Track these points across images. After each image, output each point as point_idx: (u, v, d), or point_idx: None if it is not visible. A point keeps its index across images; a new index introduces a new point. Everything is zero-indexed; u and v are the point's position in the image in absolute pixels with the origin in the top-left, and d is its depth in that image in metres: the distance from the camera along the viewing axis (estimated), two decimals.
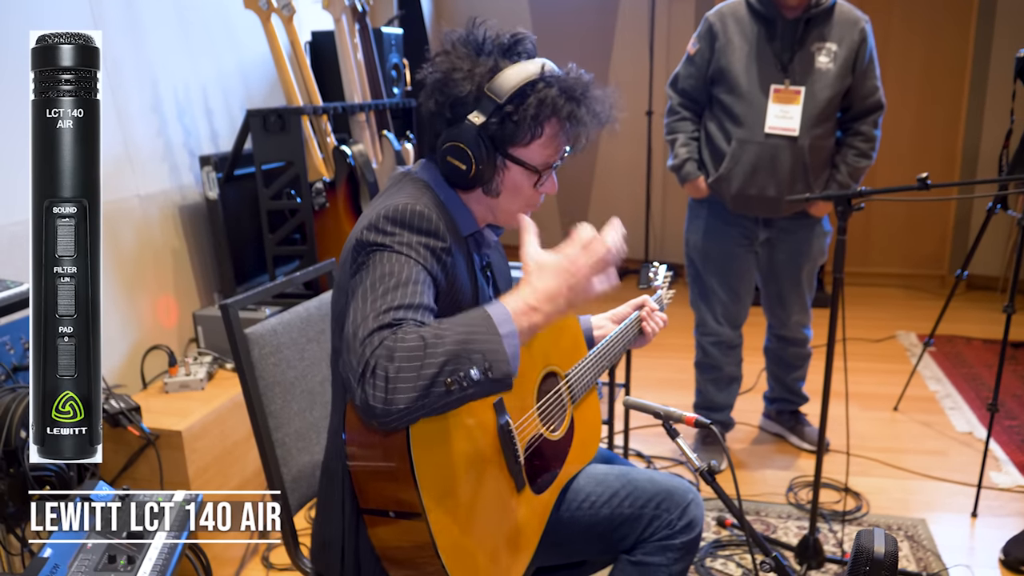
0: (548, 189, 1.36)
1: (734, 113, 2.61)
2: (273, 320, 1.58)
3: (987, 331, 4.25)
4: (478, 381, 1.07)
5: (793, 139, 2.57)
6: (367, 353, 1.06)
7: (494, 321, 1.11)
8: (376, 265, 1.17)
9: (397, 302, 1.12)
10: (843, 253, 2.05)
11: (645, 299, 1.67)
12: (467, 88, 1.25)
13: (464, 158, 1.26)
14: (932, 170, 2.12)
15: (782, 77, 2.56)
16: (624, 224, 1.33)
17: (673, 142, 2.74)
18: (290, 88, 2.86)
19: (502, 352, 1.09)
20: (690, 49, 2.68)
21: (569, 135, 1.31)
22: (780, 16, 2.54)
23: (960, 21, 4.80)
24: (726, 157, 2.63)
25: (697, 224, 2.82)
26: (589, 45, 5.47)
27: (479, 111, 1.25)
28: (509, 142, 1.27)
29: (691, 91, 2.70)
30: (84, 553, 1.20)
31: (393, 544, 1.26)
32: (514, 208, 1.35)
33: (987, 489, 2.69)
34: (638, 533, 1.45)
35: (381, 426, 1.08)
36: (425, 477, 1.17)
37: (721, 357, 2.89)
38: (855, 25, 2.57)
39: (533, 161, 1.30)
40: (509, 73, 1.24)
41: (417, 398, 1.05)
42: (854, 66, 2.58)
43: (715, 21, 2.62)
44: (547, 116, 1.26)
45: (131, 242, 2.59)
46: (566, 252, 1.20)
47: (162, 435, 2.16)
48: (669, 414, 1.38)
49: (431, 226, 1.22)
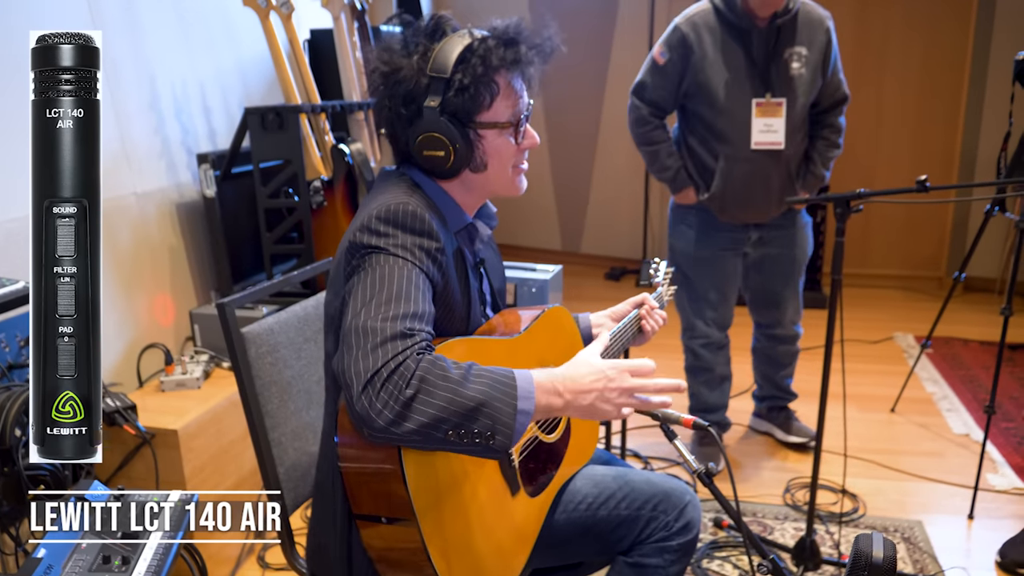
0: (530, 142, 1.35)
1: (716, 129, 2.58)
2: (270, 319, 1.58)
3: (984, 333, 4.25)
4: (476, 443, 1.08)
5: (779, 152, 2.56)
6: (380, 362, 1.05)
7: (516, 392, 1.10)
8: (374, 268, 1.16)
9: (403, 309, 1.11)
10: (841, 255, 2.05)
11: (645, 297, 1.67)
12: (412, 80, 1.25)
13: (439, 144, 1.26)
14: (930, 172, 2.12)
15: (763, 90, 2.53)
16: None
17: (655, 152, 2.67)
18: (288, 86, 2.85)
19: (509, 427, 1.09)
20: (658, 58, 2.58)
21: (523, 79, 1.31)
22: (754, 27, 2.49)
23: (959, 23, 4.80)
24: (716, 175, 2.61)
25: (684, 230, 2.78)
26: (588, 46, 5.47)
27: (432, 95, 1.25)
28: (472, 111, 1.27)
29: (661, 102, 2.62)
30: (78, 553, 1.19)
31: (386, 548, 1.26)
32: (506, 174, 1.34)
33: (984, 491, 2.69)
34: (635, 535, 1.44)
35: (370, 436, 1.08)
36: (416, 481, 1.17)
37: (712, 358, 2.88)
38: (820, 25, 2.55)
39: (502, 118, 1.29)
40: (444, 49, 1.25)
41: (419, 431, 1.05)
42: (824, 67, 2.57)
43: (688, 32, 2.53)
44: (495, 69, 1.25)
45: (128, 240, 2.58)
46: (615, 363, 1.21)
47: (158, 434, 2.15)
48: (667, 416, 1.37)
49: (424, 226, 1.21)
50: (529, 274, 2.82)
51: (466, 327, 1.36)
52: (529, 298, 2.79)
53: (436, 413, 1.05)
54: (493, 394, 1.08)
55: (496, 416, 1.07)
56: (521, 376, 1.12)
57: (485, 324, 1.42)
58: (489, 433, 1.07)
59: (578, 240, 5.94)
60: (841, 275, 2.08)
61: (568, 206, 5.90)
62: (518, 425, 1.09)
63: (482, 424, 1.07)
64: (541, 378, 1.15)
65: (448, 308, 1.29)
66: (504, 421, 1.08)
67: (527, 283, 2.78)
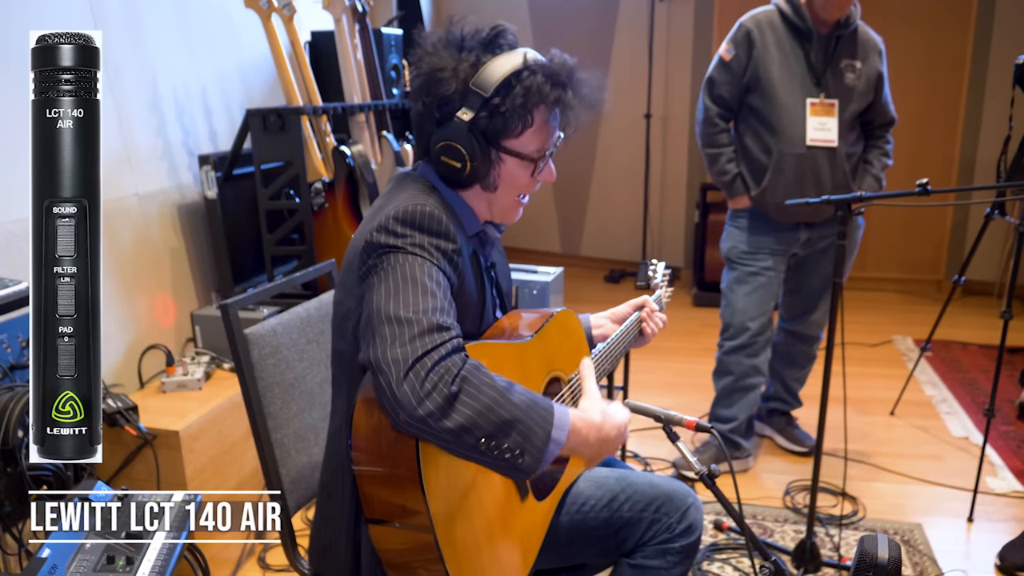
0: (546, 177, 1.35)
1: (771, 124, 2.64)
2: (272, 321, 1.58)
3: (984, 336, 4.26)
4: (505, 459, 1.09)
5: (832, 148, 2.63)
6: (420, 350, 1.06)
7: (553, 420, 1.13)
8: (394, 267, 1.16)
9: (432, 303, 1.12)
10: (842, 258, 2.06)
11: (645, 299, 1.67)
12: (452, 86, 1.25)
13: (458, 156, 1.26)
14: (930, 175, 2.13)
15: (817, 91, 2.62)
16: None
17: (717, 156, 2.74)
18: (290, 88, 2.86)
19: (540, 450, 1.11)
20: (724, 55, 2.68)
21: (559, 121, 1.31)
22: (815, 31, 2.59)
23: (959, 26, 4.81)
24: (768, 170, 2.66)
25: (733, 231, 2.84)
26: (588, 48, 5.47)
27: (467, 107, 1.24)
28: (501, 135, 1.27)
29: (727, 97, 2.71)
30: (83, 553, 1.20)
31: (397, 550, 1.25)
32: (511, 200, 1.35)
33: (983, 494, 2.70)
34: (638, 536, 1.45)
35: (405, 423, 1.06)
36: (433, 487, 1.16)
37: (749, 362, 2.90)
38: (875, 47, 2.68)
39: (527, 150, 1.29)
40: (493, 66, 1.24)
41: (454, 430, 1.06)
42: (876, 85, 2.67)
43: (752, 27, 2.64)
44: (535, 104, 1.25)
45: (129, 241, 2.58)
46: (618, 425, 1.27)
47: (159, 435, 2.15)
48: (670, 417, 1.37)
49: (441, 227, 1.21)
50: (531, 276, 2.83)
51: (478, 329, 1.36)
52: (530, 300, 2.79)
53: (474, 417, 1.06)
54: (531, 415, 1.10)
55: (529, 436, 1.09)
56: (560, 408, 1.15)
57: (493, 327, 1.42)
58: (519, 451, 1.08)
59: (578, 242, 5.95)
60: (842, 278, 2.09)
61: (568, 208, 5.90)
62: (548, 451, 1.11)
63: (514, 441, 1.08)
64: (577, 419, 1.19)
65: (462, 309, 1.29)
66: (536, 444, 1.09)
67: (528, 285, 2.79)
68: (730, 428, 2.89)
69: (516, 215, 1.38)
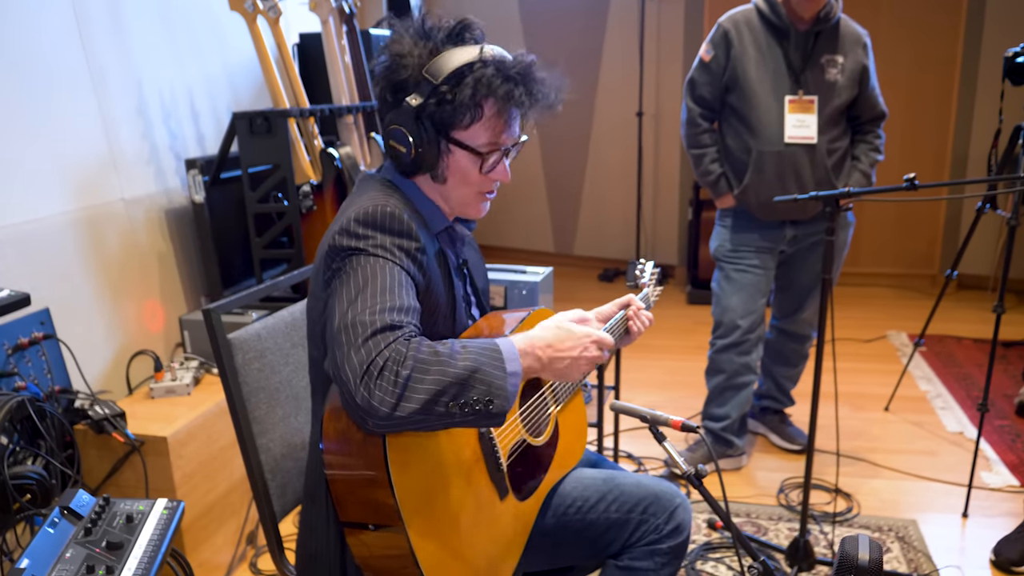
0: (499, 176, 1.34)
1: (750, 122, 2.64)
2: (257, 325, 1.56)
3: (977, 331, 4.26)
4: (476, 411, 1.09)
5: (812, 145, 2.62)
6: (373, 352, 1.05)
7: (503, 356, 1.13)
8: (355, 269, 1.16)
9: (388, 303, 1.12)
10: (831, 253, 2.05)
11: (631, 298, 1.66)
12: (407, 72, 1.25)
13: (403, 140, 1.26)
14: (922, 170, 2.13)
15: (795, 88, 2.61)
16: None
17: (701, 156, 2.74)
18: (276, 90, 2.84)
19: (504, 389, 1.11)
20: (704, 56, 2.69)
21: (511, 117, 1.29)
22: (793, 28, 2.58)
23: (949, 20, 4.81)
24: (748, 168, 2.66)
25: (720, 230, 2.84)
26: (579, 47, 5.47)
27: (417, 93, 1.24)
28: (449, 125, 1.26)
29: (709, 98, 2.71)
30: (62, 563, 1.18)
31: (372, 556, 1.25)
32: (466, 196, 1.34)
33: (978, 489, 2.69)
34: (625, 538, 1.44)
35: (375, 427, 1.07)
36: (403, 486, 1.16)
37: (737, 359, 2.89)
38: (859, 41, 2.66)
39: (475, 143, 1.28)
40: (448, 56, 1.24)
41: (420, 410, 1.05)
42: (860, 79, 2.65)
43: (730, 28, 2.64)
44: (483, 96, 1.24)
45: (116, 246, 2.57)
46: (586, 330, 1.26)
47: (147, 441, 2.14)
48: (656, 418, 1.37)
49: (403, 227, 1.21)
50: (519, 276, 2.81)
51: (452, 329, 1.35)
52: (520, 300, 2.78)
53: (434, 387, 1.06)
54: (482, 360, 1.10)
55: (489, 381, 1.09)
56: (503, 342, 1.16)
57: (471, 328, 1.41)
58: (488, 399, 1.09)
59: (571, 242, 5.94)
60: (831, 274, 2.08)
61: (561, 208, 5.89)
62: (510, 387, 1.11)
63: (478, 391, 1.08)
64: (521, 343, 1.19)
65: (432, 310, 1.28)
66: (498, 384, 1.10)
67: (518, 285, 2.77)
68: (723, 426, 2.88)
69: (479, 210, 1.37)
